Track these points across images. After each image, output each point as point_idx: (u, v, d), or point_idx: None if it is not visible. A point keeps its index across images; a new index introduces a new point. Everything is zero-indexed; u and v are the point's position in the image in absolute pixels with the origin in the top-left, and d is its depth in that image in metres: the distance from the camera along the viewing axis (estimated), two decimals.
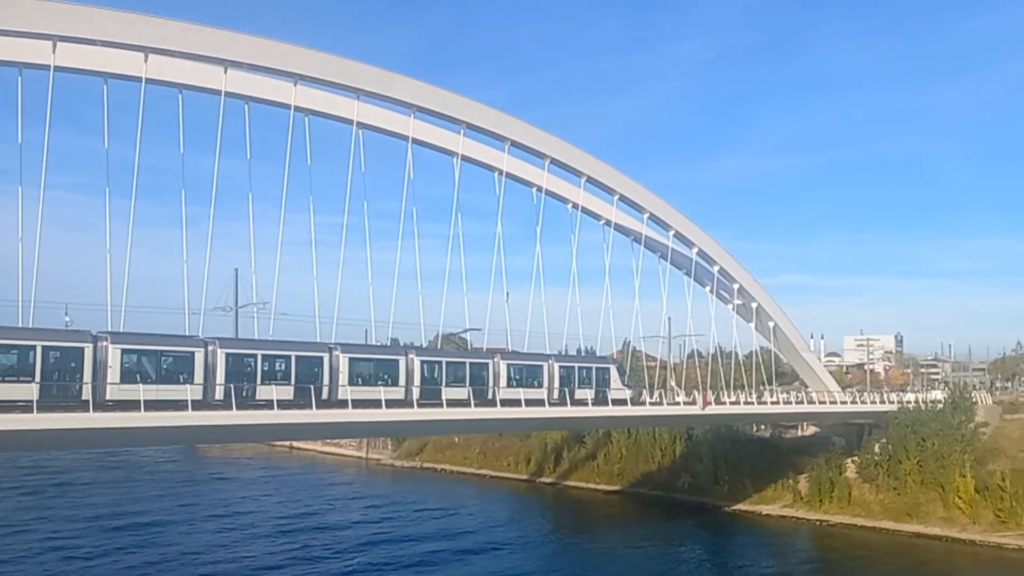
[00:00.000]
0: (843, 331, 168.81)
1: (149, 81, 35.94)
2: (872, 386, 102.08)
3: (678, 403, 54.98)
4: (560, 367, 48.57)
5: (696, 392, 57.62)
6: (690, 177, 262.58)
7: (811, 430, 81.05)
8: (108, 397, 30.58)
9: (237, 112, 38.98)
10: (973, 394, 76.09)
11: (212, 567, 52.02)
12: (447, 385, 41.84)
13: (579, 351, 61.67)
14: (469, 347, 57.49)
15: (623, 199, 53.30)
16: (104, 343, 31.28)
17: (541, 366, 47.72)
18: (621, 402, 50.52)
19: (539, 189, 49.01)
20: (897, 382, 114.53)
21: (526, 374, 47.09)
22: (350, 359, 38.93)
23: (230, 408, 32.61)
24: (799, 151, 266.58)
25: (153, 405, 30.75)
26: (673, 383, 65.28)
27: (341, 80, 39.92)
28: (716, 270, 61.86)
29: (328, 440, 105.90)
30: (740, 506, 72.03)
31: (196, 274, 36.38)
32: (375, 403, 37.69)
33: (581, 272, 51.78)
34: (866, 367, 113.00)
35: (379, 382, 39.29)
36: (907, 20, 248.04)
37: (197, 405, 32.17)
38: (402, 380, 40.22)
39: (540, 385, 47.13)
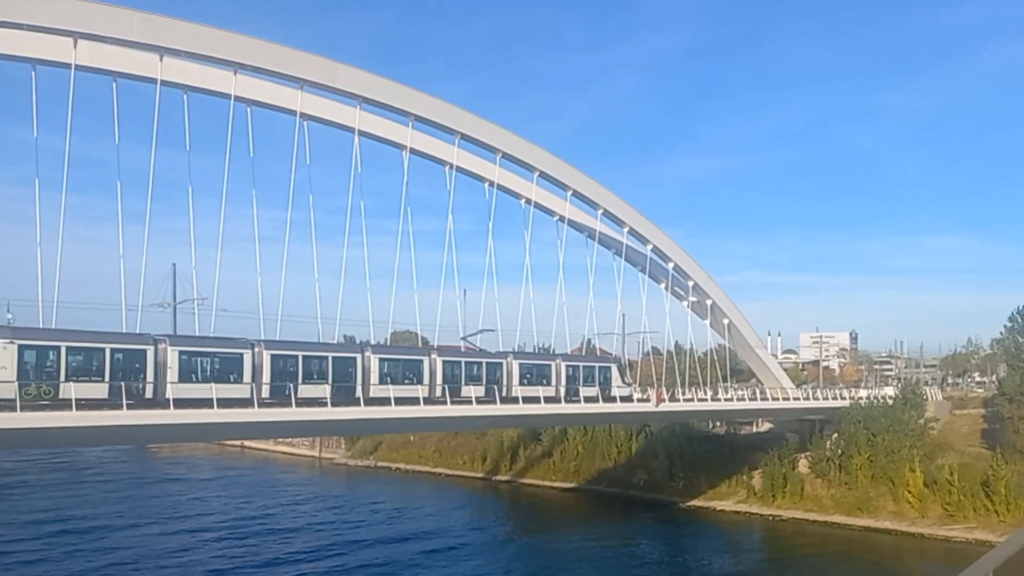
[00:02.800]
0: (800, 328, 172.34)
1: (81, 68, 34.86)
2: (826, 383, 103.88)
3: (632, 400, 55.17)
4: (567, 366, 51.43)
5: (650, 389, 57.85)
6: (649, 174, 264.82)
7: (766, 426, 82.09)
8: (168, 395, 32.71)
9: (175, 102, 38.06)
10: (924, 390, 77.68)
11: (157, 572, 50.78)
12: (466, 383, 44.49)
13: (535, 349, 61.71)
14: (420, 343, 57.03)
15: (577, 195, 53.21)
16: (163, 345, 33.55)
17: (550, 365, 51.02)
18: (625, 399, 53.64)
19: (491, 184, 48.70)
20: (851, 379, 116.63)
21: (536, 373, 50.00)
22: (380, 359, 41.35)
23: (275, 406, 35.51)
24: (756, 149, 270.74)
25: (206, 403, 32.89)
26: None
27: (283, 69, 39.14)
28: (671, 267, 62.20)
29: (280, 439, 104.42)
30: (695, 502, 72.65)
31: (138, 270, 35.90)
32: (402, 401, 40.35)
33: (536, 269, 51.81)
34: (820, 364, 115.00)
35: (406, 381, 41.92)
36: (862, 20, 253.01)
37: (245, 403, 34.47)
38: (426, 379, 42.82)
39: (549, 383, 49.99)
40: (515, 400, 46.67)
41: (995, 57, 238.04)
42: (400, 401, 40.20)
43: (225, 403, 33.61)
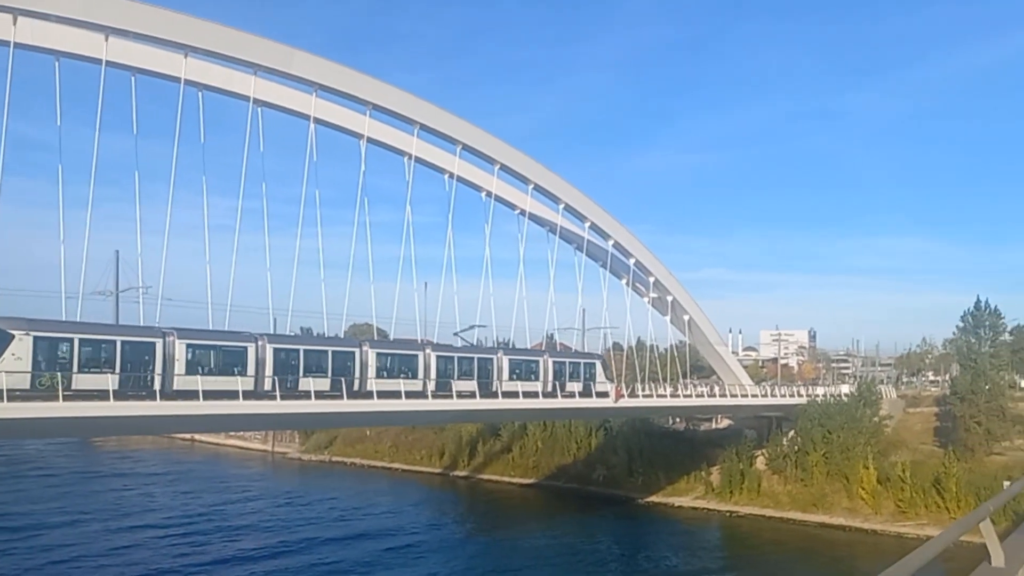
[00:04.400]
0: (761, 326, 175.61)
1: (21, 47, 33.65)
2: (785, 380, 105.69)
3: (591, 396, 55.49)
4: (554, 362, 53.23)
5: (610, 384, 58.27)
6: (614, 170, 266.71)
7: (725, 423, 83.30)
8: (175, 387, 33.91)
9: (123, 84, 37.07)
10: (879, 388, 79.49)
11: (97, 572, 49.61)
12: (458, 378, 45.95)
13: (497, 343, 61.76)
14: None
15: (538, 189, 53.21)
16: (171, 338, 34.56)
17: (538, 360, 52.61)
18: (605, 394, 55.46)
19: (451, 176, 48.42)
20: (809, 376, 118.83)
21: (525, 368, 51.55)
22: (377, 354, 42.57)
23: (276, 399, 36.61)
24: (720, 147, 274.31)
25: (211, 395, 34.13)
26: None
27: (236, 53, 38.34)
28: (632, 263, 62.63)
29: (232, 432, 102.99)
30: (653, 498, 73.47)
31: (82, 257, 35.25)
32: (398, 394, 41.58)
33: (497, 262, 51.93)
34: (779, 361, 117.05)
35: (401, 375, 43.14)
36: (825, 23, 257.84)
37: (249, 395, 35.60)
38: (420, 373, 44.15)
39: (537, 378, 51.67)
40: (508, 395, 48.49)
41: (953, 62, 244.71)
42: (397, 395, 41.55)
43: (230, 395, 34.88)
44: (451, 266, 49.08)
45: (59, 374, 30.58)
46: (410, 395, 42.20)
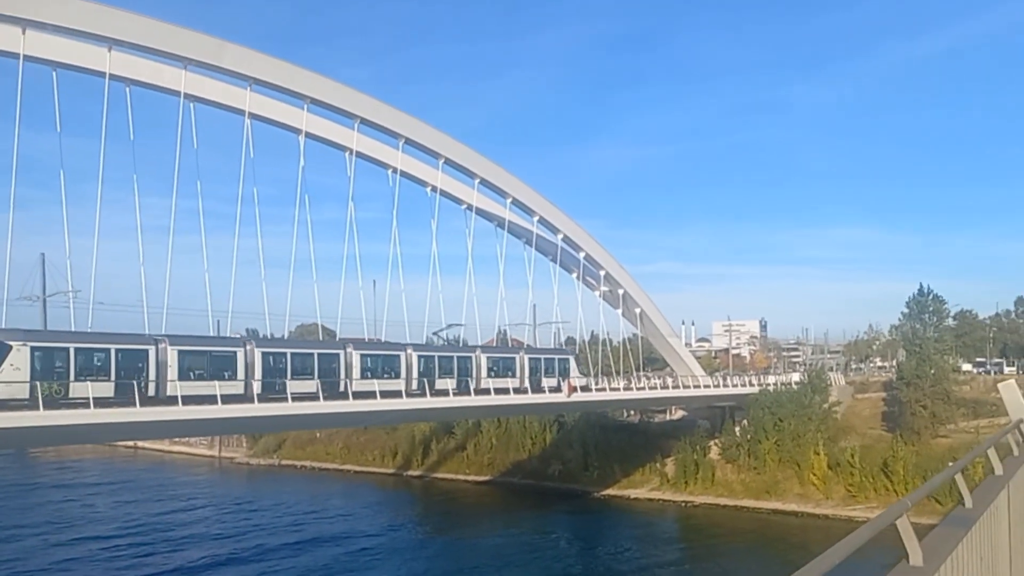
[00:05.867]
0: (713, 317, 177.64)
1: None
2: (737, 370, 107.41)
3: (543, 391, 55.64)
4: (530, 358, 55.45)
5: (555, 380, 58.46)
6: (563, 165, 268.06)
7: (679, 414, 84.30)
8: (168, 393, 34.84)
9: (44, 80, 35.80)
10: (828, 375, 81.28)
11: None
12: (439, 376, 47.56)
13: (447, 341, 61.52)
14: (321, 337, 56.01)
15: (485, 183, 53.04)
16: (164, 345, 35.55)
17: (515, 357, 54.78)
18: (584, 389, 57.80)
19: (394, 171, 47.94)
20: (761, 365, 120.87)
21: (502, 365, 53.54)
22: (361, 355, 43.92)
23: (266, 401, 37.58)
24: (669, 141, 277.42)
25: (204, 400, 34.97)
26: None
27: (163, 47, 37.35)
28: (582, 256, 62.86)
29: (176, 439, 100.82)
30: (609, 491, 74.12)
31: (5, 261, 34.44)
32: (383, 394, 42.78)
33: (446, 259, 51.89)
34: (731, 352, 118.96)
35: (384, 375, 44.70)
36: (767, 16, 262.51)
37: (239, 399, 36.70)
38: (403, 373, 45.53)
39: (514, 375, 53.60)
40: (485, 391, 50.28)
41: (894, 54, 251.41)
42: (381, 394, 42.71)
43: (222, 399, 35.63)
44: (398, 263, 48.71)
45: (56, 383, 31.45)
46: (394, 395, 43.65)
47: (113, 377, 33.34)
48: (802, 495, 65.93)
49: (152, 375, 34.71)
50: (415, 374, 46.17)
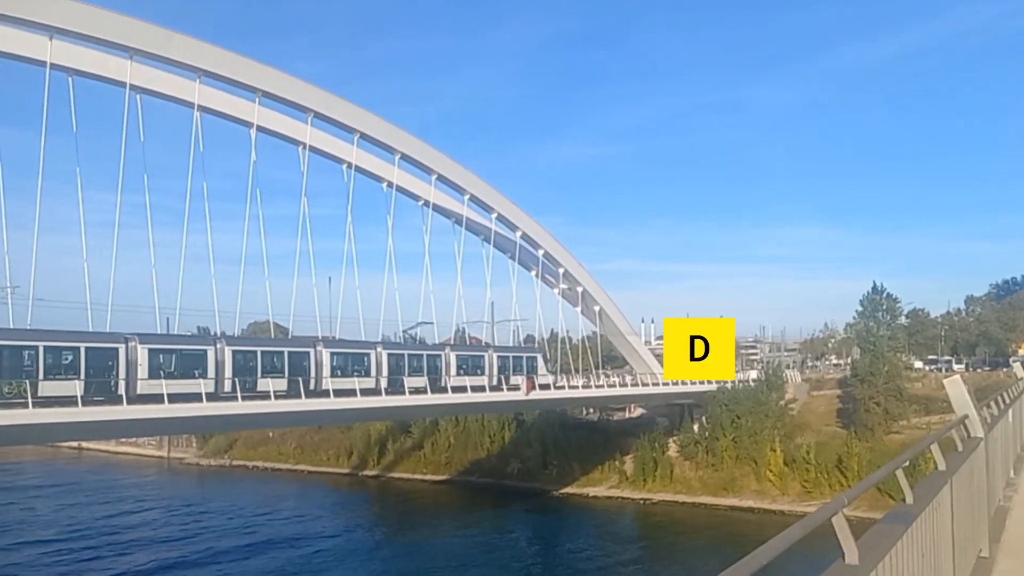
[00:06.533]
0: (673, 315, 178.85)
1: None
2: None
3: (501, 389, 55.68)
4: (499, 356, 56.58)
5: (521, 378, 58.60)
6: (522, 162, 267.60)
7: (638, 412, 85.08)
8: (139, 391, 34.95)
9: None
10: (785, 373, 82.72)
11: None
12: (409, 375, 48.22)
13: (404, 338, 61.25)
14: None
15: (442, 179, 52.78)
16: (133, 343, 35.59)
17: (483, 355, 55.92)
18: (546, 387, 58.85)
19: (349, 166, 47.42)
20: None
21: (471, 363, 54.54)
22: (331, 353, 44.50)
23: (237, 399, 37.86)
24: (628, 138, 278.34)
25: (174, 398, 35.21)
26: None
27: (108, 36, 36.37)
28: (541, 254, 62.97)
29: (123, 439, 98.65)
30: (568, 489, 74.53)
31: None
32: (352, 392, 43.88)
33: (403, 256, 51.68)
34: None
35: (354, 373, 45.42)
36: (724, 17, 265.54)
37: (210, 398, 36.78)
38: (373, 371, 46.39)
39: (483, 373, 54.68)
40: (455, 390, 50.95)
41: (847, 56, 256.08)
42: (351, 392, 43.74)
43: (191, 398, 35.95)
44: (353, 260, 48.35)
45: (26, 381, 31.16)
46: (364, 393, 44.41)
47: (83, 376, 33.22)
48: (759, 491, 67.12)
49: (122, 374, 34.69)
50: (385, 372, 46.75)
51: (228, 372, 38.74)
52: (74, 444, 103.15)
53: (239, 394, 38.01)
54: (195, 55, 38.95)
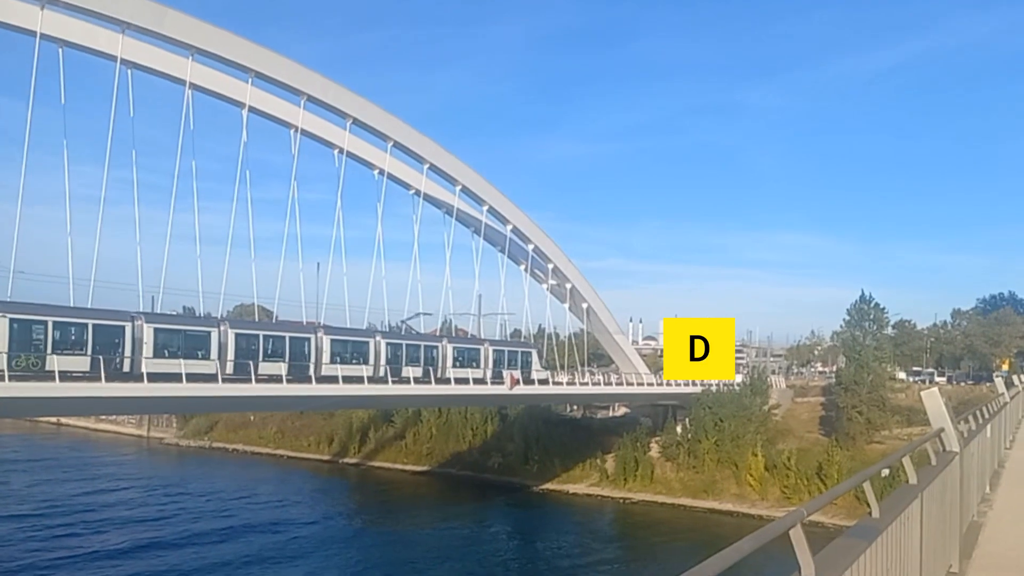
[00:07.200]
0: (662, 315, 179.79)
1: None
2: None
3: (485, 383, 55.69)
4: (494, 350, 57.25)
5: (494, 372, 58.58)
6: (516, 157, 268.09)
7: (622, 411, 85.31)
8: (143, 369, 35.33)
9: None
10: (769, 378, 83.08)
11: None
12: (406, 364, 49.04)
13: (404, 328, 61.31)
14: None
15: (434, 169, 52.64)
16: (140, 322, 36.36)
17: (479, 348, 56.59)
18: (543, 382, 59.93)
19: (340, 151, 47.21)
20: None
21: (467, 356, 55.33)
22: (332, 340, 45.14)
23: (240, 382, 38.76)
24: (622, 138, 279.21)
25: (177, 378, 35.74)
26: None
27: (99, 8, 35.97)
28: (531, 248, 62.94)
29: (103, 416, 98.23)
30: (549, 485, 74.66)
31: None
32: (350, 379, 44.57)
33: (392, 244, 51.76)
34: None
35: (353, 360, 46.14)
36: (723, 20, 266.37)
37: (212, 379, 37.59)
38: (371, 359, 47.11)
39: (478, 366, 55.39)
40: (449, 381, 51.68)
41: (843, 67, 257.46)
42: (348, 380, 44.43)
43: (194, 378, 36.60)
44: (341, 246, 48.24)
45: (34, 355, 31.92)
46: (361, 380, 45.28)
47: (89, 352, 33.78)
48: (739, 495, 67.41)
49: (128, 351, 35.33)
50: (383, 361, 47.50)
51: (231, 354, 39.48)
52: (53, 419, 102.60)
53: (253, 376, 38.93)
54: (189, 32, 38.69)
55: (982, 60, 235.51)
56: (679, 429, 73.57)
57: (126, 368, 35.22)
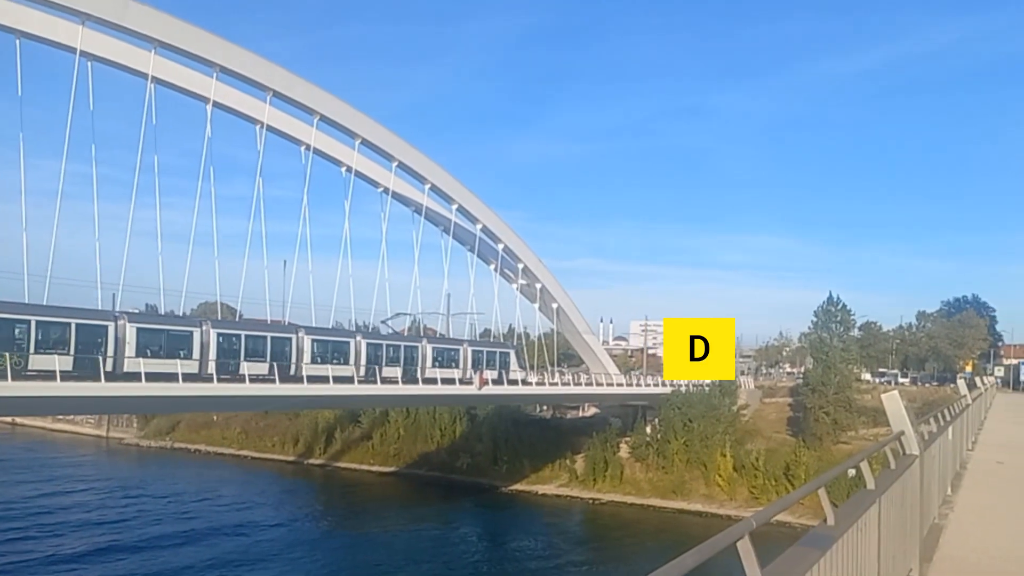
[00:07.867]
0: (633, 316, 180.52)
1: None
2: (653, 370, 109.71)
3: (454, 382, 55.57)
4: (473, 350, 58.47)
5: (473, 372, 58.57)
6: (488, 156, 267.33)
7: (591, 411, 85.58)
8: (125, 369, 35.87)
9: None
10: (738, 379, 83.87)
11: None
12: (386, 365, 49.79)
13: (374, 328, 61.09)
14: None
15: (403, 167, 52.42)
16: (122, 321, 36.74)
17: (458, 349, 57.70)
18: (512, 382, 60.80)
19: (307, 148, 46.83)
20: None
21: (447, 356, 56.23)
22: (312, 340, 45.82)
23: (220, 381, 39.03)
24: (596, 139, 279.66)
25: (159, 377, 36.33)
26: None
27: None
28: (501, 248, 62.94)
29: (59, 416, 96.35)
30: (518, 486, 74.74)
31: None
32: (331, 379, 45.08)
33: (360, 242, 51.55)
34: (646, 351, 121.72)
35: (333, 360, 46.85)
36: (698, 23, 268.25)
37: (194, 378, 38.08)
38: (351, 359, 47.86)
39: (457, 365, 56.60)
40: (428, 381, 52.42)
41: (814, 71, 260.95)
42: (330, 379, 45.03)
43: (177, 377, 36.94)
44: (307, 243, 47.91)
45: (16, 355, 32.01)
46: (342, 380, 45.97)
47: (72, 351, 34.14)
48: (707, 496, 68.04)
49: (111, 351, 35.66)
50: (363, 360, 48.35)
51: (212, 354, 39.87)
52: (8, 419, 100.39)
53: (247, 376, 39.57)
54: (152, 25, 38.08)
55: (951, 67, 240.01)
56: (649, 429, 74.06)
57: (108, 367, 35.36)
